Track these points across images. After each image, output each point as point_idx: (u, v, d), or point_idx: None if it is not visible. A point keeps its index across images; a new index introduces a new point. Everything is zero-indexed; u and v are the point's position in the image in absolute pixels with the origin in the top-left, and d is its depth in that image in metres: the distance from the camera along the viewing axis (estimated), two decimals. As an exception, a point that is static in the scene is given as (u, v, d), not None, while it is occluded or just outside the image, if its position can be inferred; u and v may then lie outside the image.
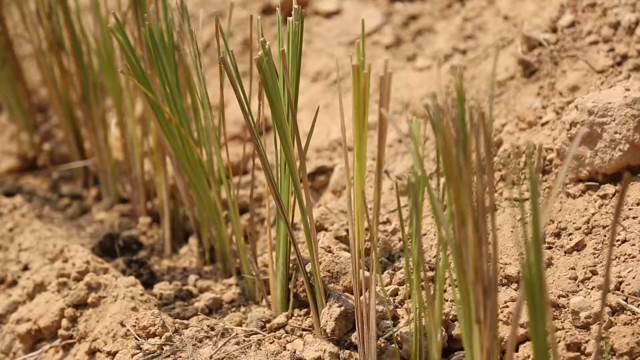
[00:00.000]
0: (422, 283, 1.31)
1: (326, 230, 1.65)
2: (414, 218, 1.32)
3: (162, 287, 1.67)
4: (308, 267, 1.51)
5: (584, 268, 1.44)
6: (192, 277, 1.71)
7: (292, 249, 1.53)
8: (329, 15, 2.29)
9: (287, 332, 1.52)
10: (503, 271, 1.46)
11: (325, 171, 1.83)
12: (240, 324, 1.55)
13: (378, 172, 1.32)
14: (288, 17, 1.53)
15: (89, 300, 1.59)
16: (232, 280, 1.69)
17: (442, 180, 1.26)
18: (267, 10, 2.47)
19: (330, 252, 1.55)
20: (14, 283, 1.76)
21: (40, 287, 1.66)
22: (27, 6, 2.01)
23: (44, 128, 2.24)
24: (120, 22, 1.58)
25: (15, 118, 2.17)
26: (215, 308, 1.63)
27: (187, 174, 1.67)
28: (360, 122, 1.35)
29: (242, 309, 1.61)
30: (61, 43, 1.97)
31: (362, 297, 1.40)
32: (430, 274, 1.50)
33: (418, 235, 1.29)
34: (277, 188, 1.50)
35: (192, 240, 1.84)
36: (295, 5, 1.54)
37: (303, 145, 1.46)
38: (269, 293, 1.60)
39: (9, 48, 2.11)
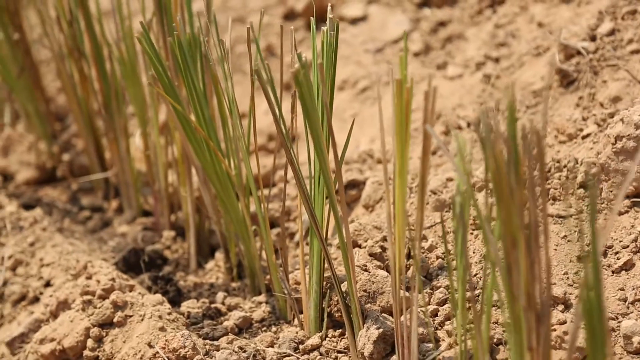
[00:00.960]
0: (469, 305, 1.26)
1: (360, 246, 1.59)
2: (460, 237, 1.26)
3: (190, 305, 1.62)
4: (343, 286, 1.46)
5: (633, 289, 1.38)
6: (220, 295, 1.65)
7: (326, 266, 1.48)
8: (354, 21, 2.23)
9: (321, 355, 1.46)
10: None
11: (356, 185, 1.77)
12: (272, 345, 1.50)
13: (421, 191, 1.27)
14: (312, 23, 1.47)
15: (115, 319, 1.54)
16: (262, 297, 1.63)
17: (483, 196, 1.20)
18: (290, 16, 2.42)
19: (366, 270, 1.49)
20: (35, 300, 1.70)
21: (64, 305, 1.60)
22: (46, 11, 1.95)
23: (63, 137, 2.19)
24: (147, 31, 1.53)
25: (33, 127, 2.12)
26: (245, 327, 1.57)
27: (215, 186, 1.61)
28: (402, 137, 1.29)
29: (273, 328, 1.56)
30: (82, 50, 1.92)
31: (402, 318, 1.34)
32: (469, 293, 1.44)
33: (464, 255, 1.23)
34: (311, 202, 1.45)
35: (219, 255, 1.78)
36: (330, 15, 1.48)
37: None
38: (301, 312, 1.54)
39: (27, 55, 2.05)
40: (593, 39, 1.75)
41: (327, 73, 1.45)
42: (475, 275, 1.48)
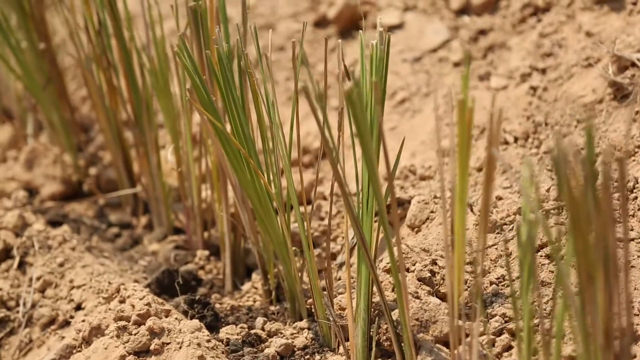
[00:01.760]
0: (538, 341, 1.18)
1: (407, 270, 1.51)
2: (526, 267, 1.18)
3: (229, 332, 1.54)
4: (394, 314, 1.38)
5: None
6: (259, 320, 1.57)
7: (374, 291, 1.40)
8: (390, 29, 2.15)
9: (371, 386, 1.39)
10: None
11: (400, 203, 1.70)
12: (317, 375, 1.42)
13: (484, 218, 1.19)
14: (362, 36, 1.39)
15: (152, 347, 1.46)
16: (304, 323, 1.55)
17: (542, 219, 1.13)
18: (321, 23, 2.34)
19: (417, 297, 1.42)
20: (66, 323, 1.63)
21: (97, 331, 1.53)
22: (72, 19, 1.87)
23: (89, 149, 2.11)
24: (185, 45, 1.45)
25: (58, 138, 2.04)
26: (287, 355, 1.50)
27: (254, 204, 1.54)
28: (463, 161, 1.21)
29: (317, 357, 1.48)
30: (110, 59, 1.84)
31: (459, 349, 1.27)
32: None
33: (535, 285, 1.15)
34: (359, 222, 1.37)
35: (256, 276, 1.71)
36: (379, 28, 1.40)
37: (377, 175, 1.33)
38: (347, 339, 1.46)
39: (53, 64, 1.98)
40: (649, 50, 1.67)
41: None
42: (534, 303, 1.40)
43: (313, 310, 1.55)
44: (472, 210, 1.61)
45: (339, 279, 1.63)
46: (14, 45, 1.88)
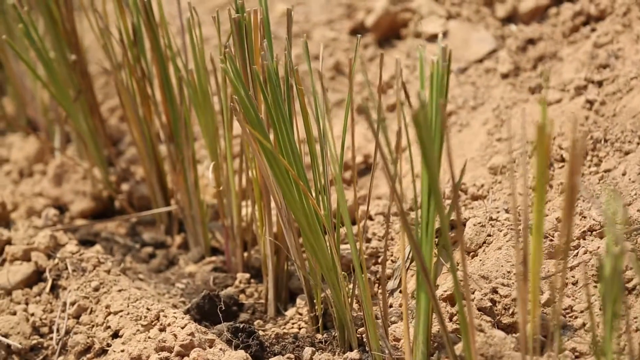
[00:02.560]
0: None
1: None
2: (610, 303, 1.10)
3: (277, 363, 1.46)
4: (457, 349, 1.30)
5: None
6: (307, 350, 1.49)
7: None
8: (433, 38, 2.06)
9: None
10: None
11: (453, 226, 1.61)
12: (373, 411, 1.34)
13: (565, 249, 1.10)
14: (420, 52, 1.31)
15: (196, 380, 1.38)
16: (355, 354, 1.47)
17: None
18: (358, 31, 2.25)
19: (481, 330, 1.33)
20: (102, 352, 1.54)
21: (137, 362, 1.44)
22: (106, 30, 1.79)
23: (120, 164, 2.03)
24: (233, 62, 1.37)
25: (88, 153, 1.96)
26: (338, 388, 1.41)
27: (301, 227, 1.45)
28: (541, 189, 1.13)
29: (371, 390, 1.40)
30: (146, 71, 1.76)
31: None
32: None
33: (627, 325, 1.06)
34: (419, 246, 1.29)
35: (300, 301, 1.62)
36: (441, 44, 1.31)
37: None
38: (403, 373, 1.38)
39: (84, 76, 1.89)
40: None
41: (436, 109, 1.29)
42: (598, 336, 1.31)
43: (365, 340, 1.46)
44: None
45: (391, 306, 1.54)
46: (43, 54, 1.80)
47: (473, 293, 1.42)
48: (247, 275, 1.70)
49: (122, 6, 1.73)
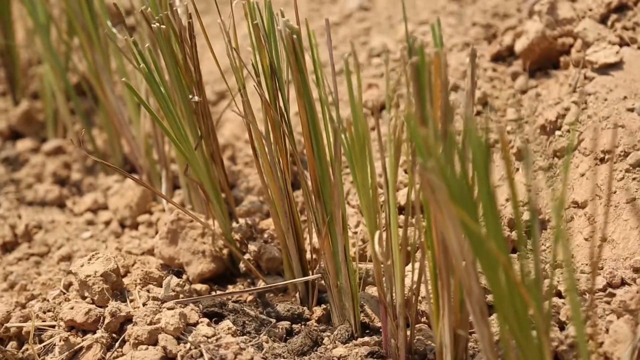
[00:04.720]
0: None
1: None
2: None
3: None
4: None
5: None
6: None
7: None
8: (602, 68, 1.77)
9: None
10: None
11: None
12: None
13: None
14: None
15: None
16: None
17: None
18: (502, 57, 1.97)
19: None
20: None
21: None
22: (239, 63, 1.52)
23: (244, 217, 1.75)
24: (415, 120, 1.09)
25: (210, 206, 1.68)
26: None
27: (510, 325, 1.17)
28: None
29: None
30: (286, 118, 1.49)
31: None
32: None
33: None
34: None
35: (487, 402, 1.34)
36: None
37: None
38: None
39: (207, 118, 1.62)
40: None
41: None
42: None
43: None
44: None
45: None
46: (167, 99, 1.53)
47: None
48: (413, 364, 1.43)
49: (262, 41, 1.45)
